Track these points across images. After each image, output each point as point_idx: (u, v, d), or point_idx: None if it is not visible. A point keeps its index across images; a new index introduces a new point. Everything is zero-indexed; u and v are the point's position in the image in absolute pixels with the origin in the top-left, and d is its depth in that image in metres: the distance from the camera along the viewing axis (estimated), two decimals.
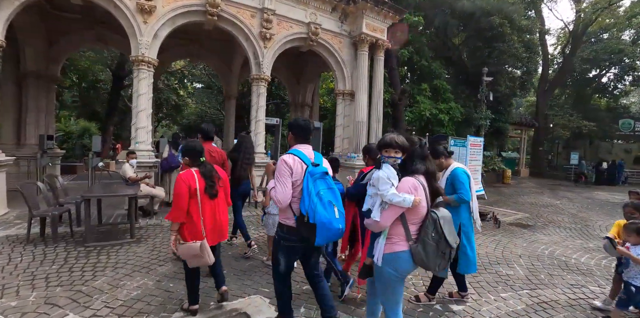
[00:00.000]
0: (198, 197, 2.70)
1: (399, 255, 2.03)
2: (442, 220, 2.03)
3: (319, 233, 2.20)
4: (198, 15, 7.39)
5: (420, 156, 2.15)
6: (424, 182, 2.10)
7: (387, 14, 9.12)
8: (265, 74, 8.19)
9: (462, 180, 3.02)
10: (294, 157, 2.37)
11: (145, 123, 6.96)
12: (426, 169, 2.13)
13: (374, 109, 9.58)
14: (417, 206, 1.99)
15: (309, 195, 2.23)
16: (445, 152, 3.20)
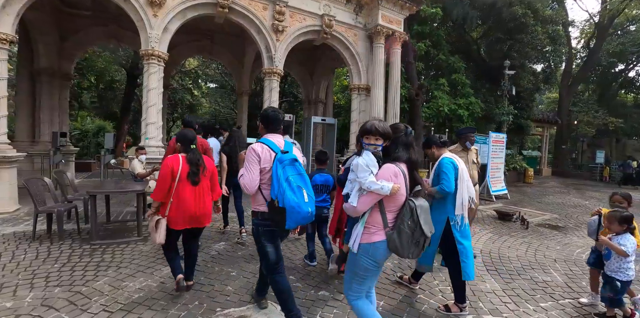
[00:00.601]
0: (176, 181, 2.86)
1: (376, 246, 2.03)
2: (419, 209, 2.01)
3: (288, 216, 2.28)
4: (209, 8, 7.19)
5: (404, 144, 2.13)
6: (404, 170, 2.08)
7: (404, 4, 8.72)
8: (278, 67, 7.93)
9: (446, 170, 2.88)
10: (262, 145, 2.47)
11: (156, 118, 6.80)
12: (409, 157, 2.12)
13: (390, 104, 9.20)
14: (395, 194, 1.97)
15: (278, 181, 2.32)
16: (438, 142, 3.09)
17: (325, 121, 10.10)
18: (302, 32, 8.13)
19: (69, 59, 9.30)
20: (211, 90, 28.63)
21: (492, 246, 5.08)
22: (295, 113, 22.13)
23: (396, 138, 2.15)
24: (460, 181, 2.89)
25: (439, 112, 11.84)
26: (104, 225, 5.54)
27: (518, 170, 15.48)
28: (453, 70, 12.76)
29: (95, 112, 23.01)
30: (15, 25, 6.19)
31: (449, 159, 2.96)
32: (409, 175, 2.11)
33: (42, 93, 8.79)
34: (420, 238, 2.03)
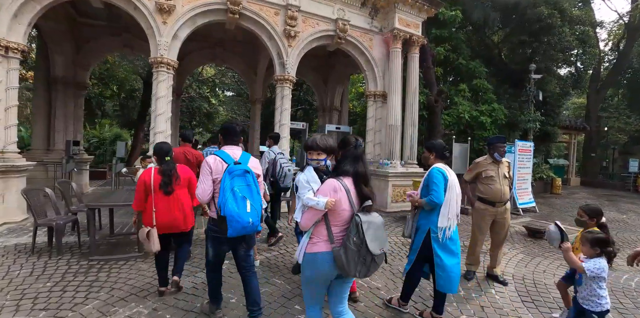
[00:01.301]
0: (152, 192, 3.14)
1: (317, 256, 2.02)
2: (365, 224, 1.97)
3: (229, 224, 2.40)
4: (219, 14, 7.02)
5: (352, 157, 2.12)
6: (348, 184, 2.06)
7: (422, 6, 8.34)
8: (290, 74, 7.66)
9: (436, 181, 2.81)
10: (216, 157, 2.62)
11: (164, 127, 6.62)
12: (355, 171, 2.09)
13: (408, 111, 8.76)
14: (335, 209, 1.99)
15: (223, 191, 2.44)
16: (440, 151, 2.98)
17: (339, 129, 9.74)
18: (315, 38, 7.86)
19: (84, 68, 9.36)
20: (228, 99, 28.94)
21: (524, 270, 4.53)
22: (311, 121, 21.93)
23: (345, 151, 2.16)
24: (450, 192, 2.79)
25: (459, 119, 11.28)
26: (107, 237, 5.35)
27: (544, 180, 14.62)
28: (474, 75, 12.20)
29: (117, 120, 23.55)
30: (27, 34, 6.18)
31: (439, 169, 2.87)
32: (356, 189, 2.07)
33: (57, 101, 8.85)
34: (367, 255, 1.98)
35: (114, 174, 8.57)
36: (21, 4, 5.82)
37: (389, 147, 8.54)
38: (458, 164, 8.93)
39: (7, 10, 5.74)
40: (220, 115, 29.24)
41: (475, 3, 11.65)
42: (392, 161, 8.43)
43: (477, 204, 4.19)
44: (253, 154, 10.87)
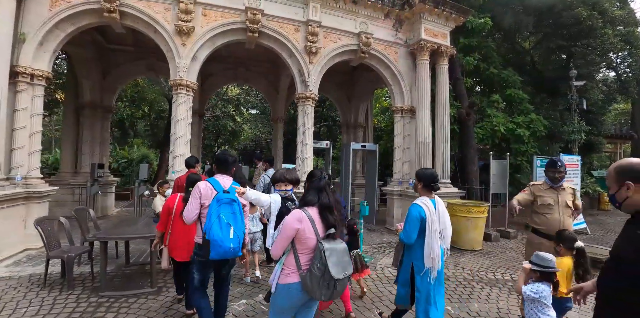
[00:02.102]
0: (172, 216, 3.53)
1: (290, 287, 2.13)
2: (328, 251, 2.09)
3: (212, 248, 2.58)
4: (238, 34, 6.89)
5: (316, 188, 2.28)
6: (313, 214, 2.19)
7: (449, 15, 7.88)
8: (312, 92, 7.35)
9: (409, 219, 2.75)
10: (207, 183, 2.83)
11: (183, 150, 6.42)
12: (319, 201, 2.24)
13: (438, 126, 8.16)
14: (300, 237, 2.14)
15: (210, 216, 2.63)
16: (429, 182, 2.82)
17: (365, 147, 9.23)
18: (337, 53, 7.55)
19: (111, 92, 9.53)
20: (252, 117, 29.35)
21: None
22: (335, 137, 21.57)
23: (310, 183, 2.35)
24: (429, 232, 2.69)
25: (494, 132, 10.49)
26: (123, 267, 5.08)
27: (590, 195, 13.28)
28: (507, 85, 11.44)
29: (148, 139, 24.33)
30: (52, 61, 6.27)
31: (418, 207, 2.75)
32: (321, 218, 2.20)
33: (84, 125, 9.00)
34: (330, 280, 2.06)
35: (136, 196, 8.47)
36: (46, 32, 5.91)
37: (419, 165, 7.92)
38: (497, 183, 8.14)
39: (33, 40, 5.84)
40: (245, 132, 29.65)
41: (504, 9, 11.02)
42: None
43: (531, 236, 3.61)
44: None
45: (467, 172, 10.34)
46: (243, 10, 6.65)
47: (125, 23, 6.43)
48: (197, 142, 10.92)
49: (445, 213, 2.85)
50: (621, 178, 1.52)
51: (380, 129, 17.07)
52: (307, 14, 7.12)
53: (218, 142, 28.74)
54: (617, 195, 1.53)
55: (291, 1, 7.09)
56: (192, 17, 6.36)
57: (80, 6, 6.02)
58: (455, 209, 6.94)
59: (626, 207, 1.52)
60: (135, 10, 6.23)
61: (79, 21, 6.19)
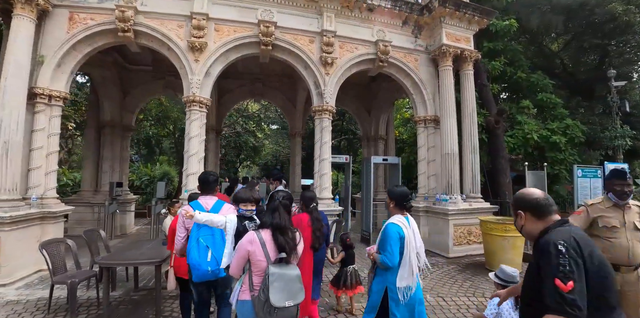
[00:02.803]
0: None
1: (244, 303, 2.17)
2: (273, 276, 2.07)
3: (192, 271, 2.73)
4: (252, 48, 6.75)
5: (270, 210, 2.35)
6: (265, 236, 2.21)
7: (472, 18, 7.44)
8: (329, 103, 7.03)
9: (391, 241, 2.54)
10: (189, 207, 2.81)
11: (197, 168, 6.20)
12: (271, 223, 2.27)
13: (466, 136, 7.60)
14: (252, 259, 2.17)
15: (190, 240, 2.76)
16: (403, 202, 2.69)
17: (387, 161, 8.73)
18: (354, 63, 7.24)
19: (131, 111, 9.64)
20: (272, 132, 29.53)
21: None
22: (355, 151, 21.11)
23: (268, 205, 2.43)
24: (407, 252, 2.57)
25: (526, 140, 9.76)
26: (131, 292, 4.80)
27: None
28: (537, 90, 10.72)
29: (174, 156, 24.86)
30: (70, 82, 6.32)
31: (396, 226, 2.59)
32: (273, 240, 2.21)
33: (104, 144, 9.07)
34: (271, 307, 2.03)
35: (153, 215, 8.32)
36: (64, 53, 5.97)
37: (447, 178, 7.35)
38: None
39: (51, 61, 5.90)
40: (266, 148, 29.80)
41: (530, 9, 10.42)
42: (452, 196, 7.19)
43: None
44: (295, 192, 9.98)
45: (499, 184, 9.58)
46: (256, 24, 6.52)
47: (139, 42, 6.43)
48: (215, 159, 10.82)
49: (417, 231, 2.73)
50: (515, 207, 1.69)
51: (402, 141, 16.50)
52: (321, 24, 6.91)
53: (240, 158, 29.04)
54: (515, 223, 1.70)
55: (305, 12, 6.92)
56: (204, 32, 6.28)
57: (96, 27, 6.07)
58: (490, 227, 6.28)
59: (525, 235, 1.69)
60: (149, 29, 6.22)
61: (95, 42, 6.23)
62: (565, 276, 1.36)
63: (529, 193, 1.68)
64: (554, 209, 1.62)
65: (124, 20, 5.97)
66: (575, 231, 1.53)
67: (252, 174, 25.73)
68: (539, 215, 1.61)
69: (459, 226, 7.22)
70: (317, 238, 3.41)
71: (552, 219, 1.60)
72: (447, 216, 6.99)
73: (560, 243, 1.43)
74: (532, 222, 1.63)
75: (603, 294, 1.45)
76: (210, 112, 10.57)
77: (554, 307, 1.35)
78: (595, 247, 1.51)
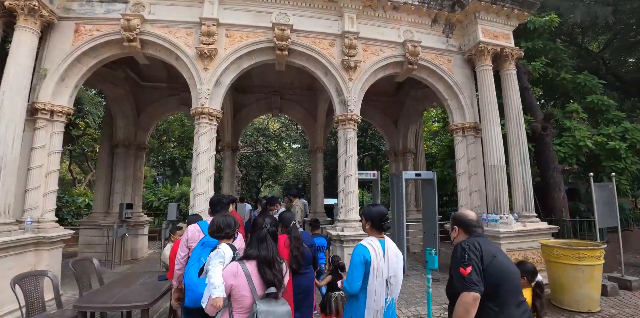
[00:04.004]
0: None
1: None
2: (262, 314, 1.92)
3: (186, 293, 2.51)
4: (266, 54, 6.17)
5: (257, 239, 2.16)
6: (250, 269, 2.05)
7: (511, 11, 6.57)
8: (354, 112, 6.27)
9: (352, 264, 2.35)
10: (196, 226, 2.90)
11: (205, 187, 5.50)
12: (258, 255, 2.10)
13: (513, 145, 6.58)
14: (234, 295, 2.00)
15: (191, 259, 2.61)
16: (379, 221, 2.45)
17: (420, 176, 7.71)
18: (380, 66, 6.50)
19: (145, 129, 9.26)
20: (294, 151, 29.19)
21: None
22: (379, 168, 20.09)
23: (252, 233, 2.28)
24: (373, 279, 2.29)
25: (578, 148, 8.53)
26: None
27: None
28: (585, 91, 9.54)
29: None
30: (74, 97, 5.92)
31: (363, 249, 2.37)
32: (259, 273, 2.04)
33: (117, 164, 8.66)
34: None
35: (163, 239, 7.66)
36: (68, 66, 5.61)
37: (494, 195, 6.28)
38: (604, 216, 6.14)
39: (54, 75, 5.54)
40: (288, 167, 29.35)
41: (572, 3, 9.40)
42: (502, 215, 6.09)
43: None
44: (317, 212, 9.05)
45: (552, 200, 8.31)
46: (270, 28, 5.97)
47: (147, 52, 6.00)
48: (231, 178, 10.16)
49: (397, 257, 2.44)
50: (453, 223, 2.28)
51: (430, 155, 15.43)
52: (342, 26, 6.27)
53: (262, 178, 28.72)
54: (451, 234, 2.28)
55: (323, 14, 6.33)
56: (214, 39, 5.77)
57: (100, 38, 5.70)
58: (557, 254, 5.11)
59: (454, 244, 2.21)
60: (156, 37, 5.80)
61: (100, 54, 5.86)
62: (464, 263, 1.95)
63: (466, 215, 2.25)
64: (479, 230, 2.18)
65: (129, 29, 5.56)
66: (481, 240, 2.10)
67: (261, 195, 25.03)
68: (468, 231, 2.17)
69: (513, 251, 6.05)
70: (295, 258, 3.13)
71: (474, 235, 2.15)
72: (499, 240, 5.86)
73: (465, 244, 2.04)
74: (462, 235, 2.20)
75: (502, 284, 1.97)
76: (226, 128, 10.10)
77: (460, 287, 1.92)
78: (499, 252, 2.11)
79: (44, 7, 5.30)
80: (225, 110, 9.65)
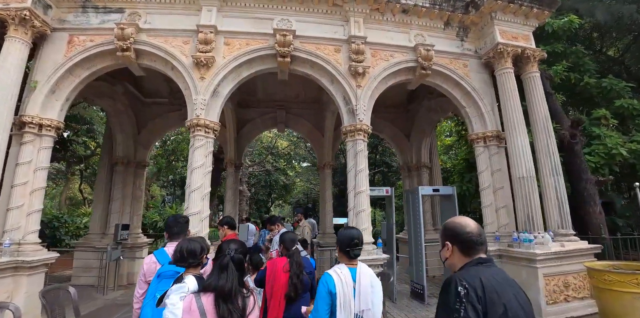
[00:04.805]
0: None
1: None
2: None
3: None
4: (267, 61, 5.81)
5: (218, 268, 1.88)
6: (206, 304, 1.78)
7: (530, 10, 6.09)
8: (363, 121, 5.75)
9: (317, 293, 2.16)
10: (152, 257, 2.58)
11: (200, 207, 4.98)
12: (216, 286, 1.81)
13: (542, 154, 5.91)
14: None
15: (147, 295, 2.29)
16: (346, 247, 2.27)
17: (438, 192, 7.00)
18: (390, 73, 6.04)
19: (145, 146, 8.92)
20: (303, 169, 28.82)
21: None
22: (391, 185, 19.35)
23: (216, 261, 1.99)
24: (339, 312, 2.07)
25: (610, 157, 7.80)
26: None
27: None
28: (612, 96, 8.88)
29: None
30: (64, 111, 5.59)
31: (327, 277, 2.18)
32: (216, 309, 1.78)
33: (116, 182, 8.24)
34: None
35: None
36: (59, 77, 5.33)
37: (524, 211, 5.56)
38: None
39: (44, 87, 5.26)
40: (297, 186, 28.83)
41: (591, 3, 8.90)
42: (537, 234, 5.34)
43: None
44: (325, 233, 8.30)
45: (587, 215, 7.48)
46: (271, 34, 5.62)
47: (142, 62, 5.70)
48: (233, 197, 9.59)
49: (372, 287, 2.21)
50: (444, 237, 1.55)
51: (445, 170, 14.70)
52: (348, 31, 5.89)
53: (272, 197, 28.23)
54: (441, 253, 1.55)
55: (328, 19, 5.98)
56: (212, 46, 5.43)
57: (94, 49, 5.45)
58: (608, 280, 4.32)
59: (447, 266, 1.56)
60: (151, 47, 5.51)
61: (93, 65, 5.58)
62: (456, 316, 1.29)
63: (462, 225, 1.52)
64: (481, 248, 1.49)
65: (123, 38, 5.28)
66: (488, 272, 1.40)
67: None
68: (466, 251, 1.49)
69: (552, 276, 5.27)
70: (293, 286, 2.79)
71: (475, 257, 1.47)
72: (535, 263, 5.10)
73: (462, 284, 1.34)
74: (459, 256, 1.51)
75: None
76: (229, 145, 9.68)
77: None
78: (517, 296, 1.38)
79: (37, 17, 5.09)
80: (228, 126, 9.31)
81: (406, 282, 7.75)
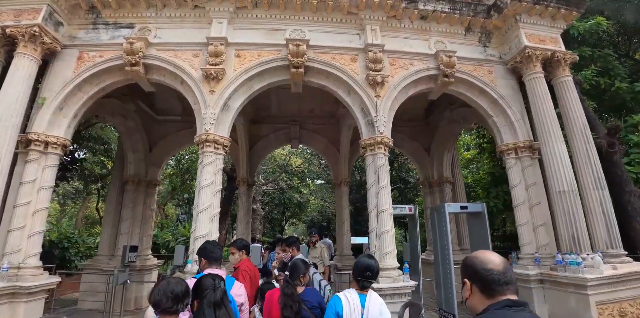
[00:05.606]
0: None
1: None
2: None
3: None
4: (280, 73, 5.56)
5: (209, 305, 1.77)
6: None
7: (557, 11, 5.70)
8: (384, 134, 5.36)
9: (325, 316, 2.22)
10: None
11: (208, 228, 4.61)
12: None
13: (582, 165, 5.35)
14: None
15: None
16: (355, 275, 2.32)
17: (466, 209, 6.41)
18: (410, 81, 5.69)
19: (157, 165, 8.72)
20: (317, 187, 28.37)
21: None
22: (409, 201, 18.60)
23: (201, 298, 1.83)
24: None
25: None
26: None
27: None
28: None
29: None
30: (72, 128, 5.42)
31: (336, 300, 2.23)
32: None
33: (126, 202, 8.00)
34: None
35: None
36: (67, 94, 5.20)
37: (568, 229, 4.95)
38: None
39: (52, 104, 5.13)
40: (312, 204, 28.29)
41: (618, 4, 8.46)
42: (585, 255, 4.71)
43: None
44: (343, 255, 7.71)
45: (633, 231, 6.72)
46: (284, 45, 5.40)
47: (151, 77, 5.56)
48: (246, 217, 9.18)
49: (381, 315, 2.18)
50: (463, 274, 1.34)
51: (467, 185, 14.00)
52: (364, 40, 5.63)
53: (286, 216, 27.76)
54: (462, 291, 1.33)
55: (343, 28, 5.76)
56: (222, 59, 5.24)
57: (102, 64, 5.34)
58: None
59: (468, 307, 1.33)
60: (159, 60, 5.38)
61: (102, 81, 5.46)
62: None
63: (482, 261, 1.27)
64: (508, 288, 1.21)
65: (132, 52, 5.16)
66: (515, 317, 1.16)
67: None
68: (488, 292, 1.23)
69: (606, 304, 4.59)
70: None
71: (500, 298, 1.20)
72: (585, 289, 4.45)
73: None
74: (479, 297, 1.25)
75: None
76: (241, 162, 9.38)
77: None
78: None
79: (47, 33, 5.03)
80: (240, 143, 9.04)
81: (432, 307, 7.07)
